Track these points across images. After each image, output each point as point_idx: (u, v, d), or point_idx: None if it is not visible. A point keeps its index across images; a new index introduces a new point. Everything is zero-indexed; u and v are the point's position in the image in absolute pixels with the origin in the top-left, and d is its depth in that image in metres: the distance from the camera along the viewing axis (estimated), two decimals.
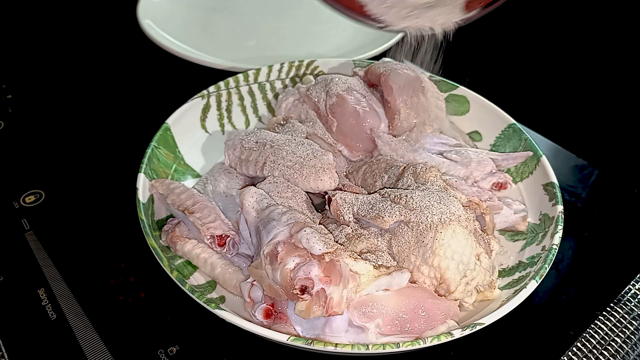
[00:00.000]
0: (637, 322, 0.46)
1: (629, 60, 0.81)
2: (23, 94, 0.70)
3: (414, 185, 0.46)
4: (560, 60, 0.83)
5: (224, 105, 0.59)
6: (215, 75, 0.65)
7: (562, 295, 0.49)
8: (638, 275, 0.50)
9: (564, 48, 0.85)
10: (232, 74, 0.61)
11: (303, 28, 0.83)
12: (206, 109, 0.58)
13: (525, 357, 0.44)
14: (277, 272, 0.38)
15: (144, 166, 0.49)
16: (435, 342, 0.36)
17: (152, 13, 0.79)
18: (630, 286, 0.49)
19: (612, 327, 0.46)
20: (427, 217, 0.41)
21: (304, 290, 0.37)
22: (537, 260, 0.44)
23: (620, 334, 0.45)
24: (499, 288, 0.43)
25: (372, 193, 0.46)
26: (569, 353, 0.44)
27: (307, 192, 0.48)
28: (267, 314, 0.39)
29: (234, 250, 0.45)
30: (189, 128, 0.56)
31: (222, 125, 0.59)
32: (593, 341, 0.45)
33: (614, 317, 0.47)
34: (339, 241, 0.43)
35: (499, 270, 0.46)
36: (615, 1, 0.87)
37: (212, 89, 0.59)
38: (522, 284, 0.41)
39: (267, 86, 0.62)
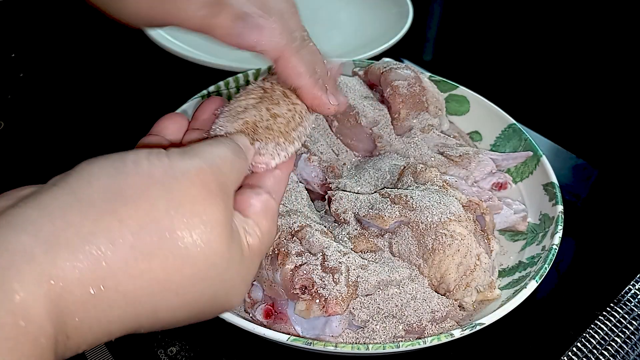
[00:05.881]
0: (637, 322, 0.46)
1: (629, 61, 0.81)
2: (23, 94, 0.70)
3: (414, 185, 0.46)
4: (560, 61, 0.83)
5: None
6: (215, 75, 0.65)
7: (562, 295, 0.49)
8: (638, 275, 0.50)
9: (563, 48, 0.85)
10: (232, 74, 0.61)
11: None
12: None
13: (525, 357, 0.44)
14: (277, 272, 0.38)
15: None
16: (435, 342, 0.36)
17: None
18: (630, 286, 0.49)
19: (612, 327, 0.46)
20: (427, 217, 0.41)
21: (304, 290, 0.37)
22: (537, 260, 0.44)
23: (620, 334, 0.45)
24: (499, 288, 0.43)
25: (373, 193, 0.46)
26: (569, 353, 0.44)
27: (307, 191, 0.48)
28: (267, 314, 0.39)
29: None
30: None
31: None
32: (593, 341, 0.45)
33: (614, 317, 0.47)
34: (339, 241, 0.43)
35: (499, 270, 0.46)
36: (615, 1, 0.88)
37: (212, 89, 0.59)
38: (522, 284, 0.41)
39: None
